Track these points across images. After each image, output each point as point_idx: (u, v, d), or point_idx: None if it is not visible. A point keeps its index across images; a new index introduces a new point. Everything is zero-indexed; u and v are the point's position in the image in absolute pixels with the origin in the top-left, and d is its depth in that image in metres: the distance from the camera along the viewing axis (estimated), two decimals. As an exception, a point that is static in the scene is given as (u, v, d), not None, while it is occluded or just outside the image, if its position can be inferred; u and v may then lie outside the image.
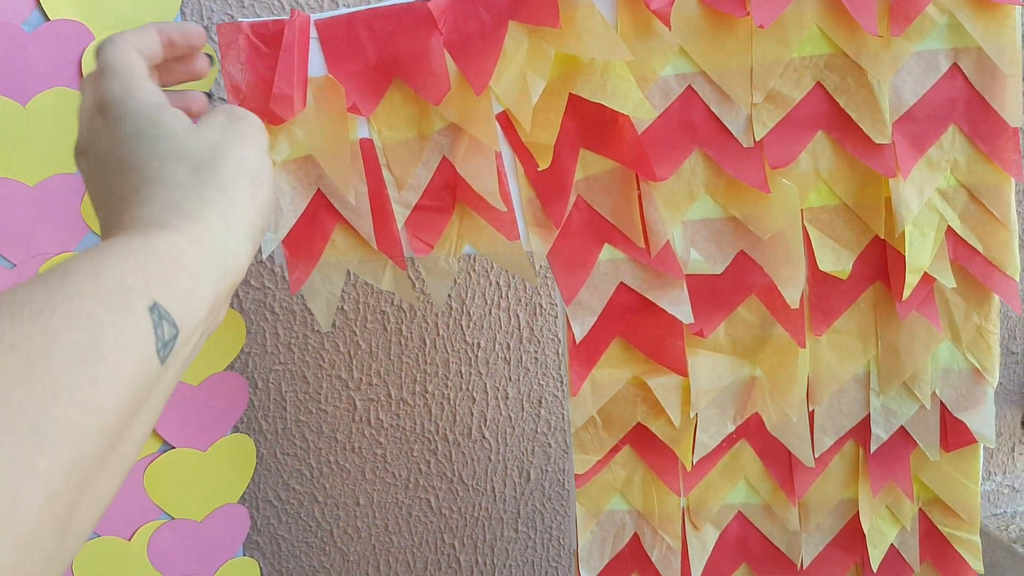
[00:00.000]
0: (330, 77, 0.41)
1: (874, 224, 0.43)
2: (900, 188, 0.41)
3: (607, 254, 0.44)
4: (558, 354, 0.72)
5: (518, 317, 0.70)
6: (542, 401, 0.73)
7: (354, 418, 0.70)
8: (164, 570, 0.51)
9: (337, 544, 0.74)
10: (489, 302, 0.69)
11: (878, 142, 0.41)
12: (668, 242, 0.43)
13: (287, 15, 0.53)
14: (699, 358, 0.45)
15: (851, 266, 0.43)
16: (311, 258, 0.44)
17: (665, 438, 0.46)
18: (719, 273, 0.44)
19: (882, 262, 0.44)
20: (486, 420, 0.72)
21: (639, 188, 0.42)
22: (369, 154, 0.42)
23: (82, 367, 0.23)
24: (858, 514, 0.47)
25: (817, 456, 0.46)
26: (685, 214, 0.43)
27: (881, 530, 0.48)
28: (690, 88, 0.42)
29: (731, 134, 0.42)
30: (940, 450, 0.46)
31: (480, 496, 0.75)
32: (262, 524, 0.72)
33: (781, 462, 0.47)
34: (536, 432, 0.74)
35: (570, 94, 0.41)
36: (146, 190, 0.30)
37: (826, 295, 0.44)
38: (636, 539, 0.48)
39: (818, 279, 0.44)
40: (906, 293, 0.42)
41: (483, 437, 0.73)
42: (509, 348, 0.71)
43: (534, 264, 0.44)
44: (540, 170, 0.42)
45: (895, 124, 0.41)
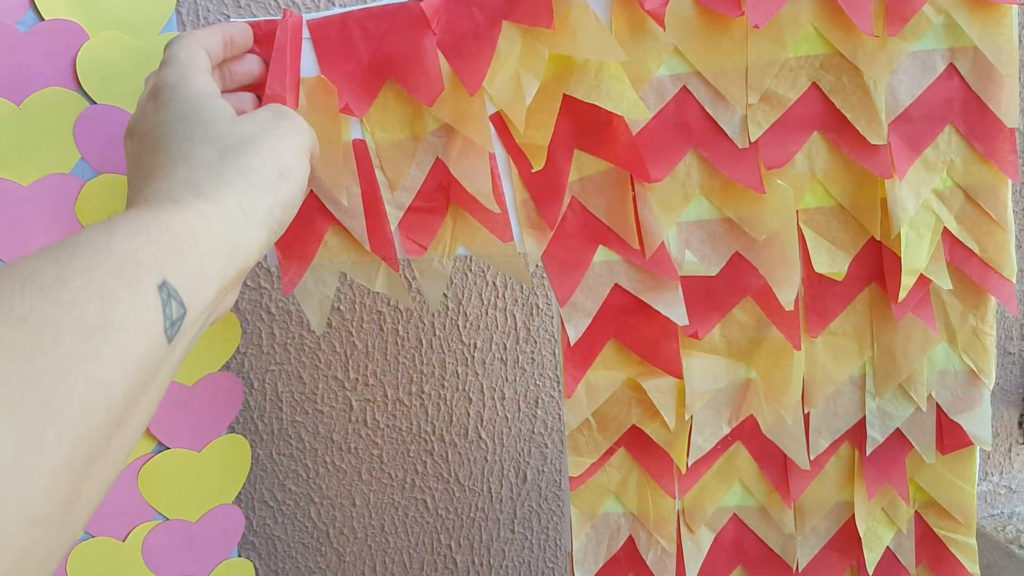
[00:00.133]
0: (322, 78, 0.41)
1: (870, 225, 0.42)
2: (896, 189, 0.41)
3: (602, 255, 0.44)
4: (554, 355, 0.71)
5: (515, 317, 0.70)
6: (539, 402, 0.73)
7: (350, 419, 0.70)
8: (158, 571, 0.51)
9: (333, 545, 0.74)
10: (486, 303, 0.69)
11: (874, 143, 0.41)
12: (663, 243, 0.43)
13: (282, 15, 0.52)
14: (694, 360, 0.44)
15: (847, 267, 0.43)
16: (304, 260, 0.44)
17: (660, 440, 0.45)
18: (714, 275, 0.44)
19: (878, 263, 0.43)
20: (483, 421, 0.72)
21: (634, 189, 0.42)
22: (362, 155, 0.42)
23: (91, 342, 0.23)
24: (854, 517, 0.47)
25: (812, 458, 0.46)
26: (680, 215, 0.43)
27: (877, 533, 0.47)
28: (685, 89, 0.41)
29: (726, 135, 0.42)
30: (936, 452, 0.46)
31: (476, 497, 0.75)
32: (258, 525, 0.72)
33: (776, 464, 0.47)
34: (533, 433, 0.74)
35: (564, 95, 0.41)
36: (169, 167, 0.31)
37: (821, 297, 0.44)
38: (631, 542, 0.48)
39: (813, 281, 0.44)
40: (902, 295, 0.42)
41: (479, 438, 0.73)
42: (506, 349, 0.70)
43: (529, 265, 0.44)
44: (534, 171, 0.42)
45: (891, 125, 0.41)
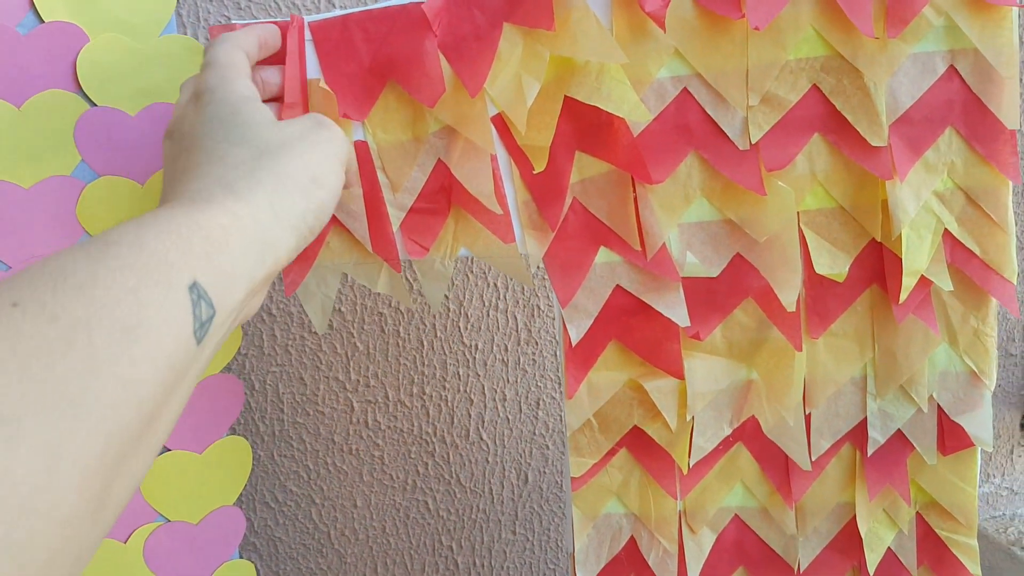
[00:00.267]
0: (322, 86, 0.41)
1: (871, 227, 0.42)
2: (897, 191, 0.41)
3: (603, 257, 0.44)
4: (556, 356, 0.71)
5: (516, 319, 0.70)
6: (540, 403, 0.73)
7: (351, 420, 0.70)
8: (160, 572, 0.51)
9: (334, 546, 0.74)
10: (487, 304, 0.69)
11: (874, 144, 0.41)
12: (664, 245, 0.43)
13: (283, 17, 0.53)
14: (695, 361, 0.44)
15: (848, 269, 0.43)
16: (306, 260, 0.44)
17: (661, 441, 0.45)
18: (715, 276, 0.44)
19: (879, 265, 0.43)
20: (484, 422, 0.72)
21: (635, 191, 0.42)
22: (363, 156, 0.42)
23: (123, 343, 0.23)
24: (855, 518, 0.47)
25: (814, 459, 0.46)
26: (681, 217, 0.43)
27: (878, 534, 0.47)
28: (685, 90, 0.41)
29: (727, 137, 0.42)
30: (937, 454, 0.46)
31: (478, 498, 0.75)
32: (259, 526, 0.72)
33: (778, 465, 0.47)
34: (534, 434, 0.74)
35: (565, 96, 0.41)
36: (205, 167, 0.31)
37: (822, 298, 0.44)
38: (633, 542, 0.48)
39: (814, 282, 0.44)
40: (903, 296, 0.42)
41: (481, 439, 0.73)
42: (507, 350, 0.70)
43: (530, 267, 0.44)
44: (535, 173, 0.42)
45: (892, 126, 0.41)
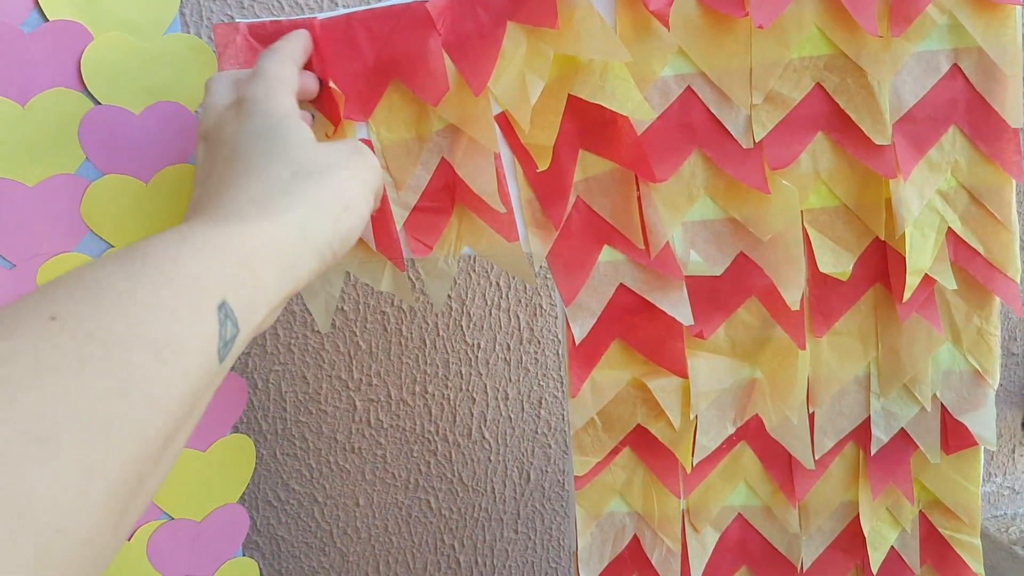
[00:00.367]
0: (332, 85, 0.41)
1: (874, 225, 0.42)
2: (900, 189, 0.41)
3: (607, 255, 0.44)
4: (558, 355, 0.71)
5: (518, 318, 0.70)
6: (542, 402, 0.73)
7: (354, 419, 0.70)
8: (163, 570, 0.51)
9: (337, 545, 0.74)
10: (489, 303, 0.69)
11: (878, 143, 0.41)
12: (668, 243, 0.43)
13: (286, 16, 0.53)
14: (699, 360, 0.44)
15: (851, 268, 0.43)
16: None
17: (665, 440, 0.45)
18: (719, 275, 0.44)
19: (882, 264, 0.43)
20: (486, 421, 0.72)
21: (638, 189, 0.42)
22: (367, 155, 0.42)
23: (155, 362, 0.22)
24: (858, 516, 0.47)
25: (817, 458, 0.46)
26: (685, 215, 0.43)
27: (881, 532, 0.47)
28: (689, 89, 0.41)
29: (730, 135, 0.42)
30: (941, 452, 0.46)
31: (480, 497, 0.75)
32: (262, 524, 0.72)
33: (781, 464, 0.47)
34: (536, 433, 0.74)
35: (569, 95, 0.41)
36: (243, 181, 0.31)
37: (826, 297, 0.44)
38: (636, 541, 0.48)
39: (818, 281, 0.44)
40: (907, 295, 0.42)
41: (483, 438, 0.73)
42: (509, 349, 0.70)
43: (533, 265, 0.44)
44: (539, 171, 0.42)
45: (895, 125, 0.41)
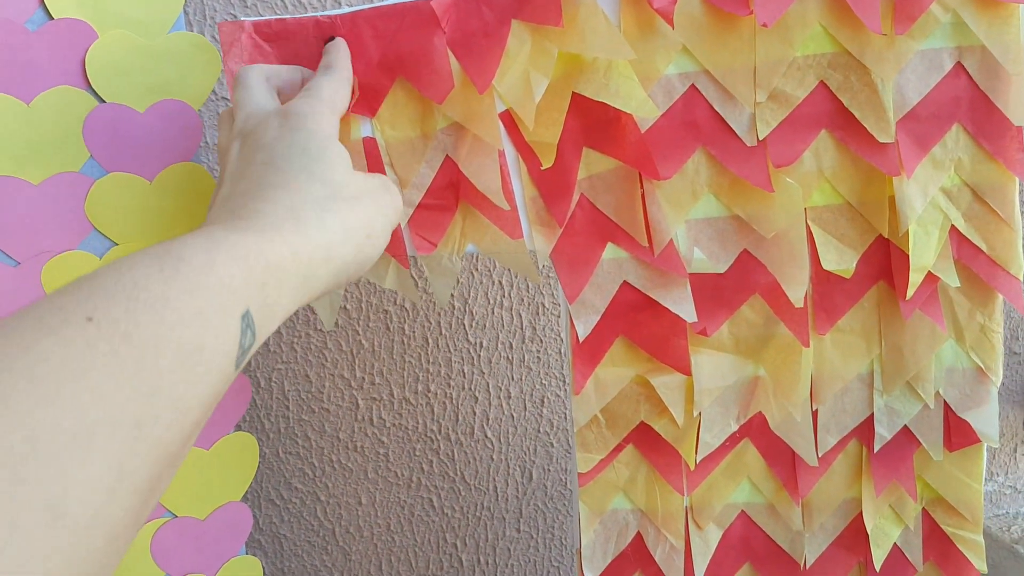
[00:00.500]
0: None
1: (878, 223, 0.43)
2: (904, 187, 0.41)
3: (610, 253, 0.44)
4: (560, 353, 0.72)
5: (521, 317, 0.70)
6: (544, 401, 0.73)
7: (356, 417, 0.70)
8: (167, 568, 0.51)
9: (339, 543, 0.74)
10: (492, 302, 0.69)
11: (882, 141, 0.41)
12: (672, 241, 0.43)
13: (289, 14, 0.53)
14: (702, 357, 0.45)
15: (855, 265, 0.43)
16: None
17: (668, 437, 0.46)
18: (723, 272, 0.44)
19: (886, 261, 0.43)
20: (488, 420, 0.72)
21: (642, 187, 0.42)
22: (372, 153, 0.42)
23: (184, 367, 0.23)
24: (861, 513, 0.47)
25: (820, 455, 0.46)
26: (688, 213, 0.43)
27: (884, 530, 0.48)
28: (693, 87, 0.42)
29: (734, 133, 0.42)
30: (944, 450, 0.46)
31: (482, 496, 0.75)
32: (264, 523, 0.72)
33: (784, 461, 0.47)
34: (538, 432, 0.74)
35: (573, 93, 0.41)
36: (280, 192, 0.31)
37: (830, 294, 0.44)
38: (639, 538, 0.48)
39: (822, 278, 0.44)
40: (910, 292, 0.42)
41: (485, 436, 0.73)
42: (512, 348, 0.71)
43: (537, 263, 0.44)
44: (543, 169, 0.42)
45: (899, 123, 0.41)
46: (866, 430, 0.46)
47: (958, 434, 0.46)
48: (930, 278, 0.43)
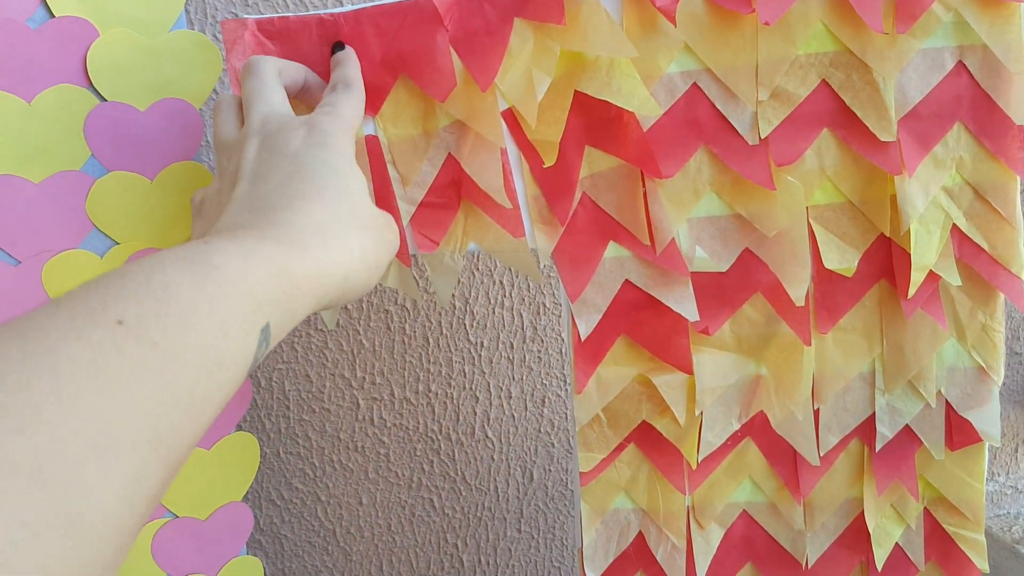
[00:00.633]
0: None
1: (879, 222, 0.43)
2: (905, 186, 0.41)
3: (612, 251, 0.44)
4: (561, 353, 0.71)
5: (521, 316, 0.70)
6: (545, 400, 0.73)
7: (357, 417, 0.70)
8: (168, 568, 0.51)
9: (340, 543, 0.74)
10: (493, 301, 0.69)
11: (883, 140, 0.41)
12: (673, 239, 0.43)
13: (291, 12, 0.53)
14: (704, 356, 0.45)
15: (856, 264, 0.43)
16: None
17: (670, 436, 0.45)
18: (724, 271, 0.44)
19: (887, 260, 0.44)
20: (489, 419, 0.72)
21: (644, 185, 0.42)
22: (374, 151, 0.42)
23: (203, 378, 0.23)
24: (863, 513, 0.47)
25: (822, 454, 0.46)
26: (690, 211, 0.43)
27: (886, 529, 0.48)
28: (695, 85, 0.42)
29: (736, 131, 0.42)
30: (945, 449, 0.46)
31: (483, 496, 0.75)
32: (265, 523, 0.72)
33: (786, 460, 0.47)
34: (539, 432, 0.74)
35: (575, 91, 0.41)
36: (309, 205, 0.31)
37: (831, 293, 0.44)
38: (641, 538, 0.48)
39: (823, 277, 0.44)
40: (911, 291, 0.42)
41: (486, 436, 0.73)
42: (512, 347, 0.70)
43: (538, 262, 0.44)
44: (545, 167, 0.42)
45: (900, 122, 0.41)
46: (868, 429, 0.46)
47: (960, 433, 0.46)
48: (931, 277, 0.43)
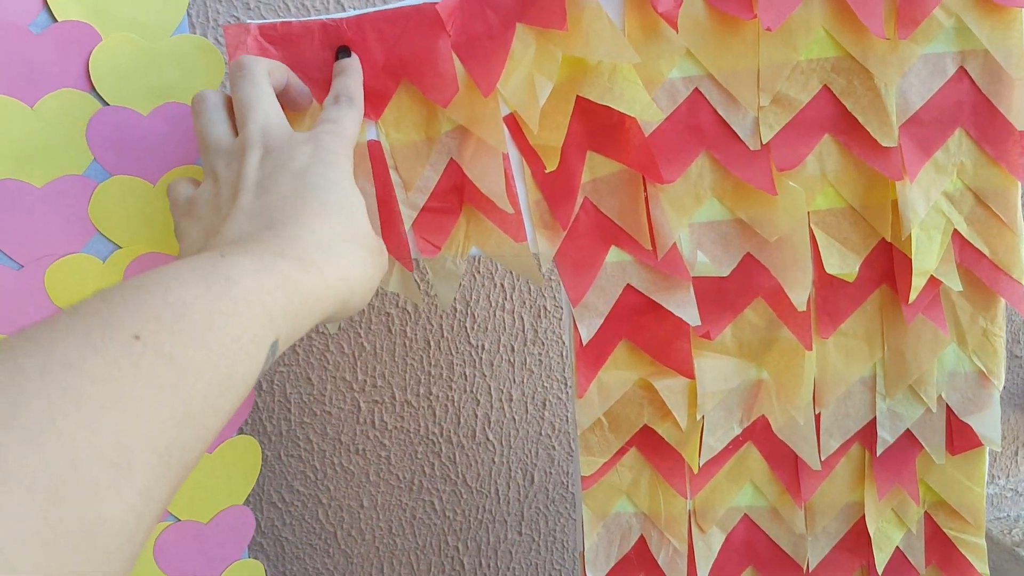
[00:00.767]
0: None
1: (880, 227, 0.43)
2: (907, 191, 0.41)
3: (614, 256, 0.44)
4: (562, 357, 0.72)
5: (522, 319, 0.70)
6: (546, 404, 0.73)
7: (358, 420, 0.70)
8: (170, 571, 0.51)
9: (341, 546, 0.74)
10: (494, 304, 0.69)
11: (885, 145, 0.41)
12: (675, 244, 0.43)
13: (292, 17, 0.53)
14: (705, 360, 0.45)
15: (857, 269, 0.43)
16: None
17: (672, 440, 0.46)
18: (726, 276, 0.44)
19: (888, 265, 0.44)
20: (490, 422, 0.72)
21: (646, 190, 0.42)
22: (376, 156, 0.43)
23: (216, 393, 0.23)
24: (864, 517, 0.47)
25: (823, 459, 0.46)
26: (692, 216, 0.43)
27: (887, 533, 0.48)
28: (697, 91, 0.42)
29: (738, 137, 0.42)
30: (946, 453, 0.46)
31: (484, 499, 0.75)
32: (266, 526, 0.72)
33: (787, 465, 0.47)
34: (540, 435, 0.74)
35: (577, 96, 0.41)
36: (318, 222, 0.32)
37: (832, 298, 0.44)
38: (642, 541, 0.48)
39: (824, 282, 0.44)
40: (912, 296, 0.42)
41: (487, 439, 0.73)
42: (513, 350, 0.71)
43: (540, 266, 0.44)
44: (547, 172, 0.42)
45: (902, 127, 0.41)
46: (868, 434, 0.46)
47: (960, 438, 0.46)
48: (932, 282, 0.43)
